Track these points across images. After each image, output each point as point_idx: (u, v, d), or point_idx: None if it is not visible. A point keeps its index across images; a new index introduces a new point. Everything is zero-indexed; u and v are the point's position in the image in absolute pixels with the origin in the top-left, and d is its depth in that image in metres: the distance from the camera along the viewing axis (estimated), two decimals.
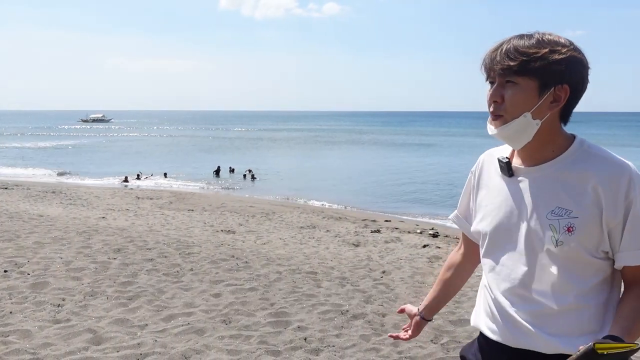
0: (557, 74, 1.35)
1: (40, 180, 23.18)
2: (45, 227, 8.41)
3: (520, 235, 1.43)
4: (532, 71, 1.35)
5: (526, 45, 1.36)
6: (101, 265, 6.00)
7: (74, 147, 47.64)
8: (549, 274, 1.40)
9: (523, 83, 1.36)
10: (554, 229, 1.37)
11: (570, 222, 1.35)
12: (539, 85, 1.36)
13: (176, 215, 12.57)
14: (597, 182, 1.34)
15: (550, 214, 1.38)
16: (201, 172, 27.82)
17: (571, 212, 1.36)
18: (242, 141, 60.43)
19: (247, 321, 4.47)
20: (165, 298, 5.00)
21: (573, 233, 1.35)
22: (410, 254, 8.99)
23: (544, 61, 1.34)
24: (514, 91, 1.37)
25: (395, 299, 5.49)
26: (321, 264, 7.21)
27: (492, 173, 1.56)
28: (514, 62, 1.35)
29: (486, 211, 1.54)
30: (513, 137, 1.40)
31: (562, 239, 1.36)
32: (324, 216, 14.02)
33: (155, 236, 8.48)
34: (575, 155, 1.41)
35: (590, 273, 1.40)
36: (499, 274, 1.49)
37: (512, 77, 1.37)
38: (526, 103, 1.37)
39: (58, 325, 4.13)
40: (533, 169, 1.44)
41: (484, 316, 1.56)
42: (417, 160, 35.65)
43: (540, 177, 1.42)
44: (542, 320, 1.42)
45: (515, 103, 1.37)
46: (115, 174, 25.75)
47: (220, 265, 6.43)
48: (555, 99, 1.38)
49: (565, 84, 1.37)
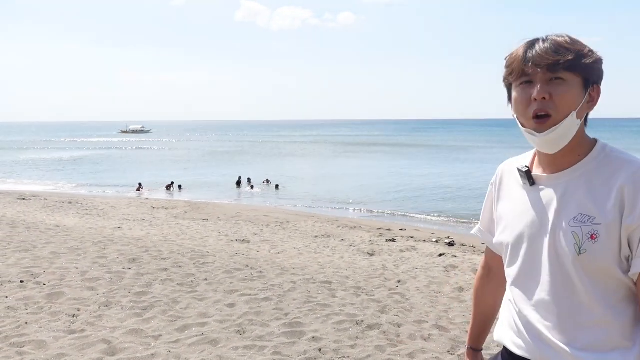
0: (597, 72, 1.34)
1: (58, 191, 23.44)
2: (62, 238, 8.47)
3: (543, 245, 1.38)
4: (580, 67, 1.30)
5: (569, 42, 1.32)
6: (116, 275, 6.02)
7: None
8: (574, 285, 1.34)
9: (571, 79, 1.31)
10: (577, 237, 1.31)
11: (594, 229, 1.30)
12: (583, 83, 1.32)
13: (191, 225, 12.62)
14: (623, 183, 1.29)
15: (572, 221, 1.33)
16: (221, 181, 27.96)
17: (594, 218, 1.30)
18: (257, 150, 60.67)
19: (261, 331, 4.44)
20: (180, 308, 4.99)
21: (597, 241, 1.29)
22: (425, 263, 8.90)
23: (590, 59, 1.31)
24: (564, 88, 1.31)
25: (411, 309, 5.43)
26: (336, 274, 7.16)
27: (512, 183, 1.52)
28: (564, 58, 1.29)
29: (507, 222, 1.50)
30: (559, 139, 1.33)
31: (585, 247, 1.30)
32: (339, 225, 13.98)
33: (170, 246, 8.50)
34: (598, 159, 1.36)
35: (617, 284, 1.33)
36: (523, 286, 1.44)
37: (561, 73, 1.30)
38: (575, 101, 1.32)
39: (73, 336, 4.13)
40: (554, 175, 1.39)
41: (508, 330, 1.50)
42: (433, 168, 35.47)
43: (562, 183, 1.38)
44: (569, 335, 1.35)
45: (566, 100, 1.31)
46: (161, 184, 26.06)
47: (235, 275, 6.42)
48: (591, 99, 1.35)
49: (599, 83, 1.36)
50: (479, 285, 1.77)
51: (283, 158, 48.23)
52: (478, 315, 1.77)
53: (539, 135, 1.33)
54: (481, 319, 1.76)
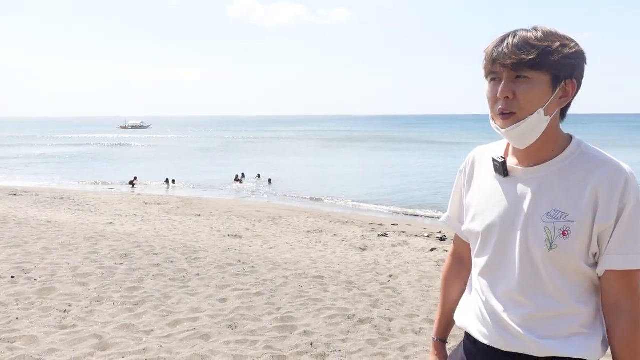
0: (568, 67, 1.33)
1: (50, 187, 23.32)
2: (53, 233, 8.43)
3: (515, 237, 1.39)
4: (546, 65, 1.30)
5: (537, 38, 1.31)
6: (108, 271, 6.01)
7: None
8: (543, 278, 1.37)
9: (537, 77, 1.31)
10: (549, 233, 1.34)
11: (567, 226, 1.32)
12: (551, 80, 1.32)
13: (183, 220, 12.60)
14: (598, 183, 1.31)
15: (545, 217, 1.35)
16: (215, 177, 27.90)
17: (567, 215, 1.33)
18: (253, 145, 60.55)
19: (253, 326, 4.45)
20: (171, 303, 4.99)
21: (568, 237, 1.32)
22: (417, 257, 8.96)
23: (558, 54, 1.31)
24: (528, 86, 1.31)
25: (402, 303, 5.46)
26: (328, 268, 7.18)
27: (484, 171, 1.52)
28: (528, 56, 1.29)
29: (478, 210, 1.50)
30: (524, 135, 1.35)
31: (556, 243, 1.33)
32: (331, 220, 14.01)
33: (162, 241, 8.48)
34: (573, 156, 1.38)
35: (583, 277, 1.38)
36: (491, 277, 1.45)
37: (525, 72, 1.30)
38: (540, 98, 1.32)
39: (64, 331, 4.12)
40: (530, 169, 1.40)
41: (473, 319, 1.51)
42: (424, 162, 35.55)
43: (537, 178, 1.39)
44: (534, 324, 1.39)
45: (529, 99, 1.32)
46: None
47: (227, 270, 6.42)
48: (564, 94, 1.35)
49: (574, 78, 1.35)
50: (449, 275, 1.74)
51: (276, 153, 48.17)
52: (447, 305, 1.73)
53: (503, 130, 1.36)
54: (449, 309, 1.72)
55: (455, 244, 1.74)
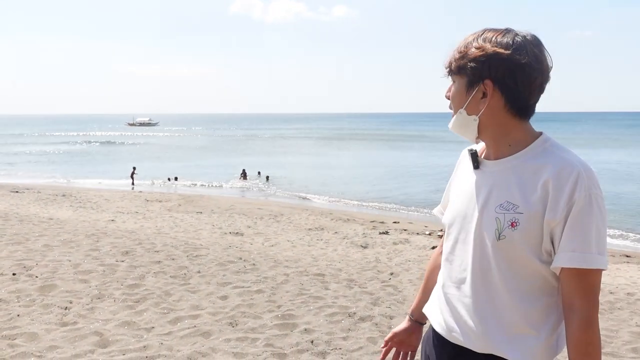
0: (476, 70, 1.38)
1: (52, 184, 23.36)
2: (55, 230, 8.45)
3: (472, 226, 1.43)
4: (458, 69, 1.41)
5: (461, 45, 1.42)
6: (109, 268, 6.01)
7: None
8: (491, 269, 1.39)
9: (458, 80, 1.44)
10: (499, 223, 1.36)
11: (515, 218, 1.34)
12: (466, 82, 1.41)
13: (185, 217, 12.61)
14: (549, 178, 1.32)
15: (498, 208, 1.38)
16: (218, 175, 27.92)
17: (517, 207, 1.35)
18: (250, 143, 60.56)
19: (253, 323, 4.45)
20: (172, 300, 5.00)
21: (516, 228, 1.34)
22: (418, 255, 8.95)
23: (464, 59, 1.40)
24: (453, 89, 1.46)
25: (403, 301, 5.46)
26: (329, 266, 7.18)
27: (466, 165, 1.57)
28: (449, 62, 1.44)
29: (451, 201, 1.58)
30: (460, 131, 1.46)
31: (504, 234, 1.35)
32: (332, 218, 14.01)
33: (163, 238, 8.50)
34: (535, 151, 1.40)
35: (533, 274, 1.37)
36: (449, 264, 1.51)
37: (452, 76, 1.45)
38: (460, 100, 1.43)
39: (65, 328, 4.13)
40: (494, 162, 1.45)
41: (435, 307, 1.57)
42: (426, 160, 35.51)
43: (498, 170, 1.43)
44: (478, 317, 1.41)
45: (453, 100, 1.46)
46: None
47: (228, 268, 6.42)
48: (484, 95, 1.40)
49: (487, 79, 1.38)
50: (432, 263, 1.77)
51: (276, 151, 48.17)
52: (428, 291, 1.73)
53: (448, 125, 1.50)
54: (428, 292, 1.72)
55: (444, 237, 1.77)
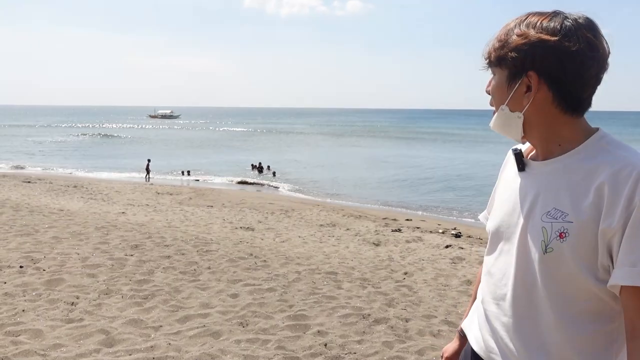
0: (518, 61, 1.20)
1: (64, 175, 23.40)
2: (65, 222, 8.36)
3: (515, 237, 1.25)
4: (498, 60, 1.25)
5: (501, 32, 1.25)
6: (118, 262, 5.90)
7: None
8: (536, 286, 1.19)
9: (497, 73, 1.28)
10: (545, 233, 1.16)
11: (564, 227, 1.13)
12: (508, 75, 1.24)
13: (195, 211, 12.50)
14: (604, 180, 1.11)
15: (545, 216, 1.18)
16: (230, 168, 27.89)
17: (567, 215, 1.14)
18: (262, 137, 60.50)
19: (264, 324, 4.30)
20: (181, 298, 4.86)
21: (565, 240, 1.13)
22: (432, 254, 8.76)
23: (505, 49, 1.22)
24: (494, 82, 1.30)
25: (419, 303, 5.28)
26: (341, 264, 7.02)
27: (512, 168, 1.39)
28: (488, 53, 1.28)
29: (494, 207, 1.40)
30: (502, 131, 1.31)
31: (552, 246, 1.15)
32: (344, 214, 13.84)
33: (173, 232, 8.38)
34: (588, 150, 1.19)
35: (586, 294, 1.15)
36: (491, 278, 1.33)
37: (492, 68, 1.29)
38: (501, 95, 1.27)
39: (70, 325, 4.00)
40: (541, 163, 1.26)
41: (475, 322, 1.43)
42: (439, 156, 35.20)
43: (545, 173, 1.24)
44: (519, 339, 1.24)
45: (493, 95, 1.30)
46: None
47: (239, 264, 6.28)
48: (528, 89, 1.21)
49: (531, 71, 1.19)
50: (480, 277, 1.64)
51: (288, 145, 48.04)
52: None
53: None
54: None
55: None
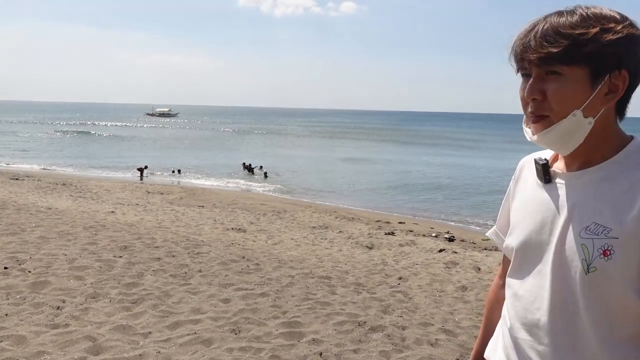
0: (612, 58, 1.04)
1: (53, 172, 23.10)
2: (52, 221, 8.17)
3: (549, 255, 1.12)
4: (581, 57, 1.05)
5: (569, 24, 1.06)
6: (106, 264, 5.73)
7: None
8: (576, 309, 1.07)
9: (570, 73, 1.06)
10: (587, 251, 1.05)
11: (608, 244, 1.03)
12: (590, 74, 1.05)
13: (186, 211, 12.33)
14: None
15: (584, 231, 1.06)
16: (222, 169, 27.67)
17: (610, 230, 1.03)
18: (254, 136, 60.28)
19: (257, 331, 4.17)
20: (172, 302, 4.71)
21: (610, 258, 1.02)
22: (426, 258, 8.66)
23: (595, 43, 1.03)
24: (559, 84, 1.07)
25: (415, 310, 5.17)
26: (335, 268, 6.90)
27: (530, 179, 1.27)
28: (556, 48, 1.05)
29: (515, 222, 1.26)
30: (560, 142, 1.11)
31: (595, 265, 1.04)
32: (337, 216, 13.71)
33: (164, 233, 8.21)
34: (630, 159, 1.08)
35: (633, 317, 1.05)
36: (519, 301, 1.19)
37: (556, 67, 1.06)
38: (576, 98, 1.07)
39: (55, 331, 3.85)
40: (574, 174, 1.14)
41: (500, 350, 1.27)
42: (430, 159, 35.19)
43: (580, 184, 1.12)
44: None
45: (561, 99, 1.07)
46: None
47: (230, 267, 6.14)
48: (610, 90, 1.07)
49: (623, 69, 1.05)
50: (493, 298, 1.50)
51: (281, 145, 47.87)
52: (488, 329, 1.49)
53: (533, 138, 1.13)
54: (491, 334, 1.46)
55: (502, 263, 1.48)
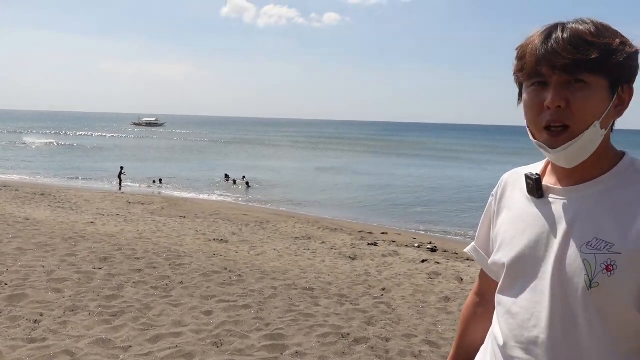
0: (629, 70, 1.05)
1: (31, 182, 22.75)
2: (30, 232, 8.03)
3: (546, 271, 1.10)
4: (607, 68, 1.03)
5: (593, 33, 1.04)
6: (85, 276, 5.64)
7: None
8: (578, 326, 1.06)
9: (595, 83, 1.04)
10: (589, 267, 1.03)
11: (611, 259, 1.02)
12: (609, 85, 1.05)
13: (168, 222, 12.20)
14: None
15: (585, 247, 1.05)
16: (203, 178, 27.50)
17: (613, 245, 1.02)
18: (237, 146, 60.10)
19: (240, 344, 4.12)
20: (153, 315, 4.65)
21: (613, 273, 1.01)
22: (408, 269, 8.66)
23: (621, 55, 1.03)
24: (585, 93, 1.04)
25: (398, 321, 5.16)
26: (318, 279, 6.87)
27: (517, 194, 1.24)
28: (588, 55, 1.02)
29: (505, 238, 1.22)
30: (578, 154, 1.08)
31: (597, 280, 1.02)
32: (320, 227, 13.68)
33: (144, 244, 8.11)
34: (625, 174, 1.09)
35: (635, 331, 1.04)
36: (514, 318, 1.16)
37: (582, 75, 1.04)
38: (597, 108, 1.05)
39: (32, 345, 3.76)
40: (569, 189, 1.12)
41: None
42: (412, 170, 35.38)
43: (577, 199, 1.10)
44: None
45: (586, 109, 1.04)
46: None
47: (212, 279, 6.08)
48: (620, 102, 1.08)
49: (632, 83, 1.08)
50: (469, 315, 1.47)
51: (263, 155, 47.78)
52: (462, 348, 1.46)
53: (552, 151, 1.08)
54: (465, 353, 1.45)
55: (479, 280, 1.45)
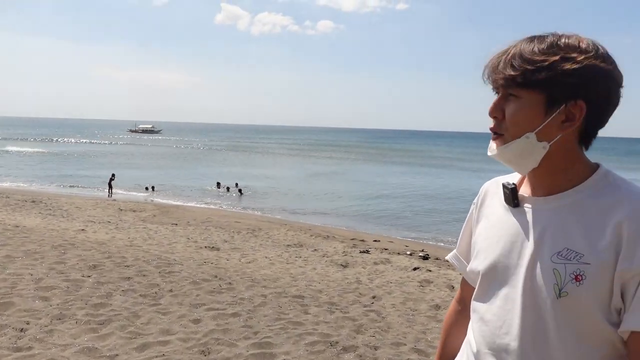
0: (568, 87, 1.07)
1: (22, 188, 22.63)
2: (19, 240, 7.98)
3: (518, 279, 1.12)
4: (537, 83, 1.09)
5: (533, 51, 1.10)
6: (73, 284, 5.61)
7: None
8: (547, 334, 1.08)
9: (527, 97, 1.11)
10: (558, 276, 1.06)
11: (580, 269, 1.04)
12: (546, 101, 1.09)
13: (159, 229, 12.16)
14: (623, 219, 1.03)
15: (556, 257, 1.07)
16: (195, 185, 27.43)
17: (582, 256, 1.05)
18: (231, 154, 60.05)
19: (228, 352, 4.10)
20: (140, 323, 4.62)
21: (582, 283, 1.04)
22: (400, 277, 8.67)
23: (552, 71, 1.07)
24: (515, 106, 1.12)
25: (388, 329, 5.15)
26: (308, 287, 6.86)
27: (495, 203, 1.27)
28: (516, 72, 1.10)
29: (482, 246, 1.25)
30: (515, 160, 1.15)
31: (566, 290, 1.05)
32: (312, 234, 13.68)
33: (135, 252, 8.08)
34: (598, 186, 1.11)
35: (600, 340, 1.06)
36: (486, 325, 1.18)
37: (514, 90, 1.11)
38: (529, 121, 1.11)
39: (18, 354, 3.73)
40: (543, 199, 1.15)
41: None
42: (406, 178, 35.44)
43: (550, 210, 1.13)
44: None
45: (516, 121, 1.12)
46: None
47: (202, 287, 6.06)
48: (568, 118, 1.09)
49: (580, 99, 1.08)
50: (451, 322, 1.49)
51: (257, 163, 47.76)
52: (444, 356, 1.48)
53: (493, 150, 1.18)
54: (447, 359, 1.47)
55: (461, 288, 1.47)
